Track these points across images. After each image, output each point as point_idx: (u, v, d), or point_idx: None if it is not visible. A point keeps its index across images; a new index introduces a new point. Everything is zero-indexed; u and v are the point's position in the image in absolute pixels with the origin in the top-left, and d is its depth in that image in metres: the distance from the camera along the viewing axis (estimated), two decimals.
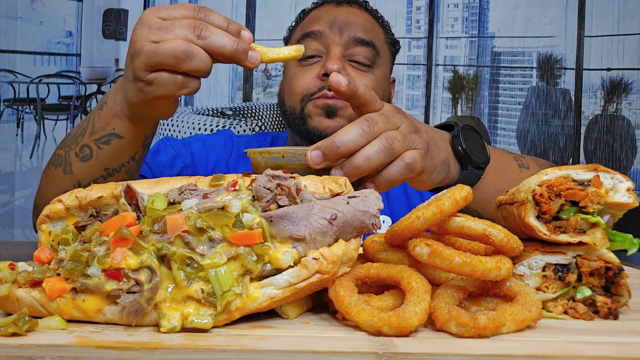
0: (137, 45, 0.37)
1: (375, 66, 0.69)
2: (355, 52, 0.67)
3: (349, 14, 0.70)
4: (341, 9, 0.70)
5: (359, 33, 0.67)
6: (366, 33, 0.69)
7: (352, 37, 0.67)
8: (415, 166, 0.40)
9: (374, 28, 0.72)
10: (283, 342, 0.29)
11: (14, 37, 1.27)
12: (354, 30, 0.67)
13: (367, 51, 0.67)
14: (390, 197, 0.72)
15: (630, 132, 1.22)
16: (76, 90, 1.33)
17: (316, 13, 0.72)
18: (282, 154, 0.41)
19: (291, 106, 0.69)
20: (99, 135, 0.47)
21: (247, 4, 1.35)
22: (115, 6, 1.35)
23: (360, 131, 0.38)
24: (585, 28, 1.26)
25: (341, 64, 0.65)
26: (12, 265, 0.34)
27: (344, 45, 0.67)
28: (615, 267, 0.36)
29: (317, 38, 0.67)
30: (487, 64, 1.32)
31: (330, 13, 0.70)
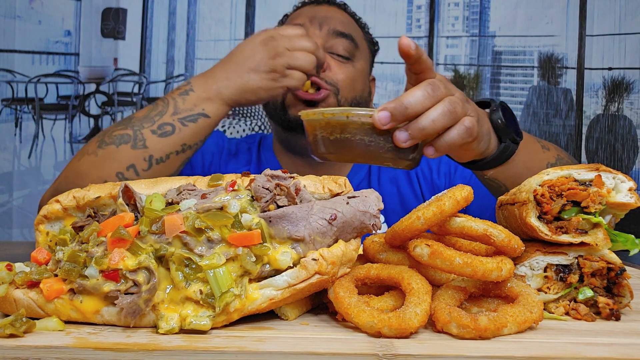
0: (278, 49, 0.55)
1: (354, 59, 0.70)
2: (335, 44, 0.68)
3: (327, 11, 0.72)
4: (321, 7, 0.73)
5: (338, 26, 0.69)
6: (344, 27, 0.71)
7: (332, 30, 0.69)
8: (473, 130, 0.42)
9: (352, 24, 0.74)
10: (282, 344, 0.29)
11: (13, 36, 1.26)
12: (333, 23, 0.69)
13: (346, 43, 0.69)
14: (384, 195, 0.75)
15: (632, 131, 1.21)
16: (75, 90, 1.33)
17: (297, 12, 0.75)
18: (346, 114, 0.40)
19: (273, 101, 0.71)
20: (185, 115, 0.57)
21: (247, 3, 1.34)
22: (114, 5, 1.35)
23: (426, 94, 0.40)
24: (587, 27, 1.25)
25: (323, 53, 0.66)
26: (9, 266, 0.34)
27: (323, 38, 0.68)
28: (617, 267, 0.36)
29: None
30: (488, 63, 1.32)
31: (310, 10, 0.72)
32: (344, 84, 0.69)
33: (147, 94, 1.41)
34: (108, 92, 1.37)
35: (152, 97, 1.42)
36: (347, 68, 0.69)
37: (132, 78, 1.38)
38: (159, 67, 1.40)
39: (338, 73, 0.69)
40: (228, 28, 1.35)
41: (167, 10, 1.39)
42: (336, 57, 0.69)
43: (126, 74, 1.37)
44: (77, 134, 1.35)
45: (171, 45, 1.39)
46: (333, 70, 0.69)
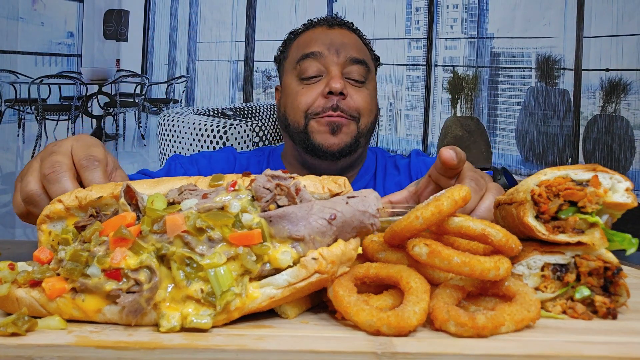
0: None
1: (367, 81, 0.76)
2: (352, 71, 0.74)
3: (342, 36, 0.76)
4: (334, 31, 0.77)
5: (354, 53, 0.74)
6: (359, 52, 0.76)
7: (349, 57, 0.74)
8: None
9: (363, 47, 0.79)
10: (282, 342, 0.29)
11: (15, 37, 1.27)
12: (349, 50, 0.74)
13: (361, 69, 0.75)
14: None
15: (629, 132, 1.22)
16: (77, 91, 1.34)
17: (311, 35, 0.78)
18: None
19: (295, 121, 0.75)
20: None
21: (248, 4, 1.35)
22: (116, 7, 1.36)
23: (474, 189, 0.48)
24: (584, 29, 1.26)
25: (343, 82, 0.72)
26: (11, 265, 0.34)
27: (341, 65, 0.74)
28: (613, 266, 0.36)
29: (317, 59, 0.74)
30: (486, 64, 1.33)
31: (325, 35, 0.76)
32: (364, 110, 0.74)
33: (149, 95, 1.42)
34: (110, 93, 1.37)
35: (154, 97, 1.43)
36: (364, 92, 0.74)
37: (134, 79, 1.39)
38: (161, 69, 1.41)
39: (358, 100, 0.73)
40: (229, 29, 1.36)
41: (169, 12, 1.40)
42: (352, 82, 0.74)
43: (128, 75, 1.38)
44: None
45: (173, 47, 1.40)
46: (353, 97, 0.73)
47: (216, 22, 1.39)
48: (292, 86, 0.76)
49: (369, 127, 0.76)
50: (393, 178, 0.80)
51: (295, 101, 0.75)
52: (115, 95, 1.37)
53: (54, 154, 0.43)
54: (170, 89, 1.43)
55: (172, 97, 1.42)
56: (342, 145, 0.72)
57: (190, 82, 1.40)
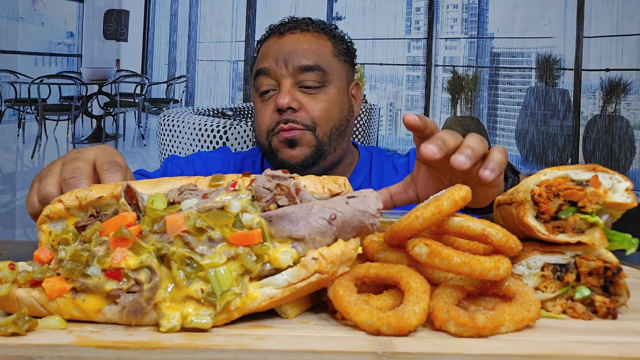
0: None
1: (326, 84, 0.72)
2: (304, 79, 0.70)
3: (291, 43, 0.72)
4: (284, 39, 0.73)
5: (303, 60, 0.70)
6: (309, 57, 0.71)
7: (297, 67, 0.70)
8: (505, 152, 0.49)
9: (318, 47, 0.73)
10: (282, 342, 0.29)
11: (15, 37, 1.27)
12: (297, 58, 0.70)
13: (314, 75, 0.71)
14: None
15: (629, 132, 1.22)
16: (77, 91, 1.34)
17: (264, 48, 0.75)
18: None
19: (261, 141, 0.74)
20: None
21: (248, 4, 1.35)
22: (116, 7, 1.36)
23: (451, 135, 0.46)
24: (584, 29, 1.26)
25: (290, 96, 0.69)
26: (12, 265, 0.34)
27: (291, 76, 0.70)
28: (613, 266, 0.36)
29: (267, 74, 0.71)
30: (486, 64, 1.33)
31: (274, 46, 0.72)
32: (320, 119, 0.70)
33: (149, 95, 1.42)
34: (110, 93, 1.37)
35: (154, 97, 1.43)
36: (320, 99, 0.70)
37: (134, 79, 1.39)
38: (161, 69, 1.41)
39: (312, 110, 0.70)
40: (229, 30, 1.36)
41: (169, 12, 1.40)
42: (306, 89, 0.70)
43: (128, 75, 1.38)
44: (80, 135, 1.36)
45: (173, 47, 1.41)
46: (307, 107, 0.70)
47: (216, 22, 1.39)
48: (255, 102, 0.74)
49: (330, 134, 0.71)
50: (391, 178, 0.77)
51: (257, 120, 0.73)
52: (115, 95, 1.38)
53: (75, 160, 0.44)
54: (170, 89, 1.43)
55: (172, 97, 1.42)
56: (302, 157, 0.70)
57: (190, 82, 1.40)
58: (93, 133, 1.38)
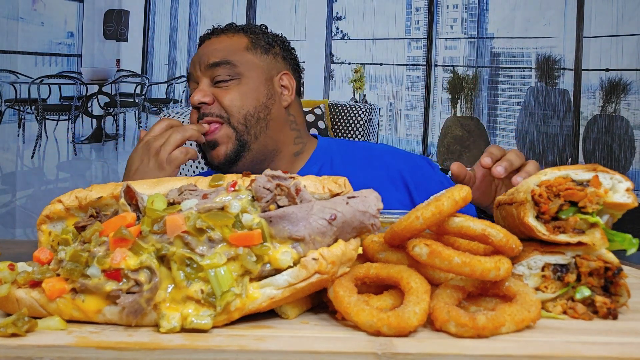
0: (154, 149, 0.68)
1: (239, 76, 0.73)
2: (215, 74, 0.72)
3: (205, 48, 0.76)
4: (201, 47, 0.77)
5: (210, 59, 0.73)
6: (217, 55, 0.73)
7: (206, 64, 0.73)
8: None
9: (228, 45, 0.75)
10: (282, 343, 0.29)
11: (15, 37, 1.27)
12: (205, 58, 0.73)
13: (222, 69, 0.72)
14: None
15: (629, 132, 1.22)
16: (77, 91, 1.34)
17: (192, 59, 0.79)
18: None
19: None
20: None
21: (248, 5, 1.35)
22: (117, 7, 1.36)
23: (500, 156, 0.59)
24: (584, 29, 1.26)
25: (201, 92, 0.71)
26: (11, 265, 0.34)
27: (204, 75, 0.73)
28: (614, 267, 0.36)
29: (192, 80, 0.76)
30: (486, 64, 1.33)
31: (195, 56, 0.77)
32: (232, 108, 0.71)
33: (150, 95, 1.42)
34: (110, 93, 1.37)
35: (154, 97, 1.43)
36: (232, 90, 0.72)
37: (134, 79, 1.39)
38: (161, 69, 1.41)
39: (223, 100, 0.71)
40: None
41: (169, 12, 1.40)
42: (221, 83, 0.72)
43: (128, 75, 1.38)
44: (80, 135, 1.36)
45: (173, 47, 1.40)
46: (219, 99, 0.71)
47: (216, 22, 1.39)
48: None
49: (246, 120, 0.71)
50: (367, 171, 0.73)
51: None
52: (116, 95, 1.38)
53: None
54: (170, 89, 1.43)
55: (172, 97, 1.42)
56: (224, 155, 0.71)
57: None
58: (93, 133, 1.38)
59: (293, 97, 0.77)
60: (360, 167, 0.76)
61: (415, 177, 0.76)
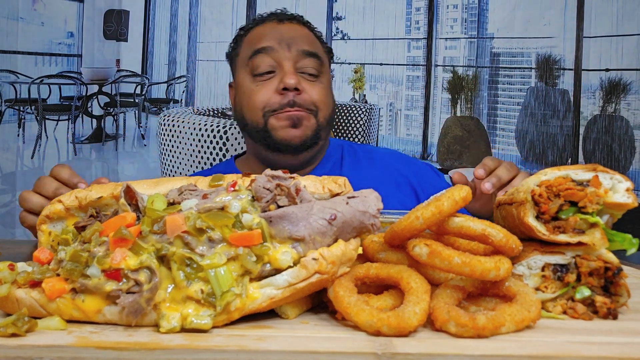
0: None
1: (321, 75, 0.73)
2: (304, 65, 0.70)
3: (293, 30, 0.73)
4: (284, 25, 0.73)
5: (305, 46, 0.71)
6: (311, 45, 0.72)
7: (300, 51, 0.70)
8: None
9: (314, 40, 0.75)
10: (282, 343, 0.29)
11: (15, 37, 1.27)
12: (301, 44, 0.70)
13: (314, 62, 0.71)
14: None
15: (629, 132, 1.22)
16: (77, 91, 1.34)
17: (261, 30, 0.74)
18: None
19: (253, 120, 0.71)
20: None
21: (248, 4, 1.35)
22: (117, 7, 1.36)
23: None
24: (584, 29, 1.26)
25: (297, 77, 0.68)
26: (11, 265, 0.34)
27: (294, 59, 0.70)
28: (614, 267, 0.36)
29: (268, 54, 0.70)
30: (486, 64, 1.33)
31: (275, 30, 0.72)
32: (321, 104, 0.71)
33: (149, 95, 1.42)
34: (110, 93, 1.38)
35: (154, 97, 1.43)
36: (318, 86, 0.71)
37: (134, 79, 1.39)
38: (161, 69, 1.41)
39: (313, 94, 0.70)
40: (229, 30, 1.36)
41: (169, 12, 1.40)
42: (306, 76, 0.71)
43: (128, 75, 1.38)
44: (80, 135, 1.36)
45: (173, 47, 1.41)
46: (308, 92, 0.70)
47: (216, 23, 1.39)
48: (246, 84, 0.71)
49: (328, 119, 0.72)
50: (366, 172, 0.74)
51: (251, 100, 0.70)
52: (115, 95, 1.38)
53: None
54: (170, 89, 1.43)
55: (172, 97, 1.42)
56: (304, 137, 0.69)
57: (190, 82, 1.40)
58: (93, 133, 1.38)
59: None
60: (366, 167, 0.77)
61: (422, 182, 0.76)
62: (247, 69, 0.72)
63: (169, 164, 1.34)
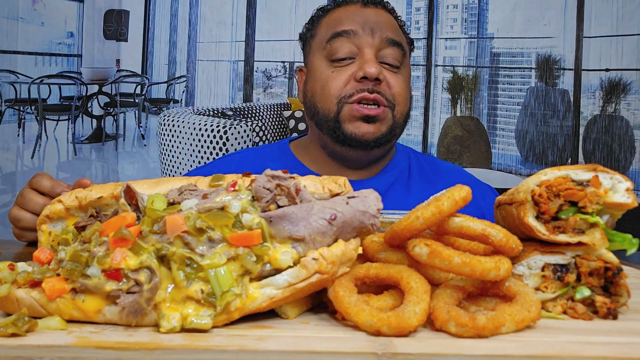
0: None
1: (402, 67, 0.67)
2: (387, 54, 0.65)
3: (377, 15, 0.67)
4: (369, 9, 0.67)
5: (390, 34, 0.65)
6: (395, 34, 0.67)
7: (385, 38, 0.64)
8: None
9: (398, 29, 0.69)
10: (282, 343, 0.29)
11: (16, 37, 1.27)
12: (385, 31, 0.65)
13: (397, 52, 0.65)
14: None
15: (629, 132, 1.23)
16: (77, 91, 1.34)
17: (343, 12, 0.68)
18: None
19: (326, 108, 0.66)
20: None
21: (248, 4, 1.36)
22: (117, 7, 1.36)
23: None
24: (584, 29, 1.26)
25: (379, 66, 0.63)
26: (11, 265, 0.34)
27: (376, 47, 0.64)
28: (614, 267, 0.36)
29: (349, 38, 0.64)
30: (486, 64, 1.33)
31: (359, 13, 0.66)
32: (400, 98, 0.66)
33: (149, 95, 1.42)
34: (110, 93, 1.38)
35: (154, 97, 1.43)
36: (399, 79, 0.66)
37: (134, 79, 1.39)
38: (161, 69, 1.41)
39: (394, 86, 0.65)
40: (229, 30, 1.36)
41: (169, 12, 1.40)
42: (388, 67, 0.65)
43: (128, 75, 1.39)
44: (80, 135, 1.36)
45: (173, 47, 1.41)
46: (389, 83, 0.65)
47: (216, 22, 1.39)
48: (322, 69, 0.65)
49: (405, 116, 0.66)
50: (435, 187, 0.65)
51: (327, 86, 0.64)
52: (115, 95, 1.38)
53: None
54: (170, 89, 1.43)
55: (172, 97, 1.42)
56: (379, 134, 0.63)
57: (190, 82, 1.40)
58: (93, 133, 1.38)
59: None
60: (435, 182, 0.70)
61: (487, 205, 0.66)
62: (323, 53, 0.65)
63: (169, 164, 1.34)
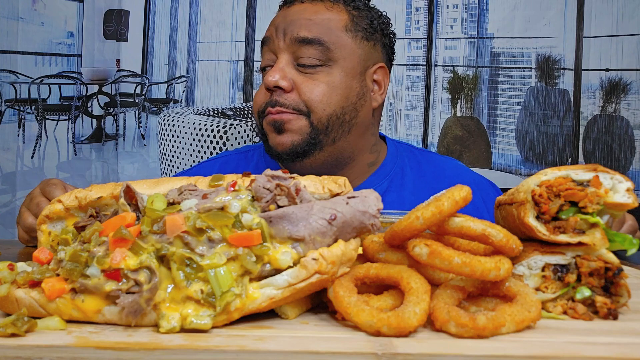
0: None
1: (330, 63, 0.58)
2: (302, 54, 0.57)
3: (296, 13, 0.59)
4: (292, 8, 0.60)
5: (301, 32, 0.57)
6: (311, 29, 0.57)
7: (294, 38, 0.57)
8: None
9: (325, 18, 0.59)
10: (282, 343, 0.29)
11: (15, 37, 1.27)
12: (296, 29, 0.57)
13: (313, 50, 0.57)
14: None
15: (629, 132, 1.23)
16: (77, 91, 1.34)
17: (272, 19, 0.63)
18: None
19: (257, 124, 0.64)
20: None
21: (248, 4, 1.36)
22: (116, 7, 1.36)
23: None
24: (584, 29, 1.26)
25: (280, 73, 0.57)
26: (11, 265, 0.34)
27: (288, 49, 0.58)
28: (614, 267, 0.36)
29: (268, 45, 0.60)
30: (486, 64, 1.33)
31: (280, 15, 0.61)
32: (315, 103, 0.57)
33: (149, 95, 1.42)
34: (110, 93, 1.38)
35: (154, 97, 1.43)
36: (318, 80, 0.57)
37: (134, 79, 1.39)
38: (161, 69, 1.41)
39: (305, 92, 0.57)
40: (229, 30, 1.36)
41: (169, 12, 1.40)
42: (303, 69, 0.58)
43: (128, 75, 1.39)
44: (80, 135, 1.36)
45: (173, 47, 1.41)
46: (300, 89, 0.57)
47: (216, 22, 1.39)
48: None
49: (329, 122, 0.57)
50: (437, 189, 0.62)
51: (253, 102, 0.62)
52: (116, 95, 1.38)
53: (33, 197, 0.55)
54: (170, 89, 1.43)
55: (172, 97, 1.42)
56: (290, 145, 0.57)
57: (190, 82, 1.40)
58: (93, 133, 1.38)
59: (384, 96, 0.61)
60: (429, 182, 0.64)
61: (487, 201, 0.64)
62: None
63: (169, 164, 1.34)
